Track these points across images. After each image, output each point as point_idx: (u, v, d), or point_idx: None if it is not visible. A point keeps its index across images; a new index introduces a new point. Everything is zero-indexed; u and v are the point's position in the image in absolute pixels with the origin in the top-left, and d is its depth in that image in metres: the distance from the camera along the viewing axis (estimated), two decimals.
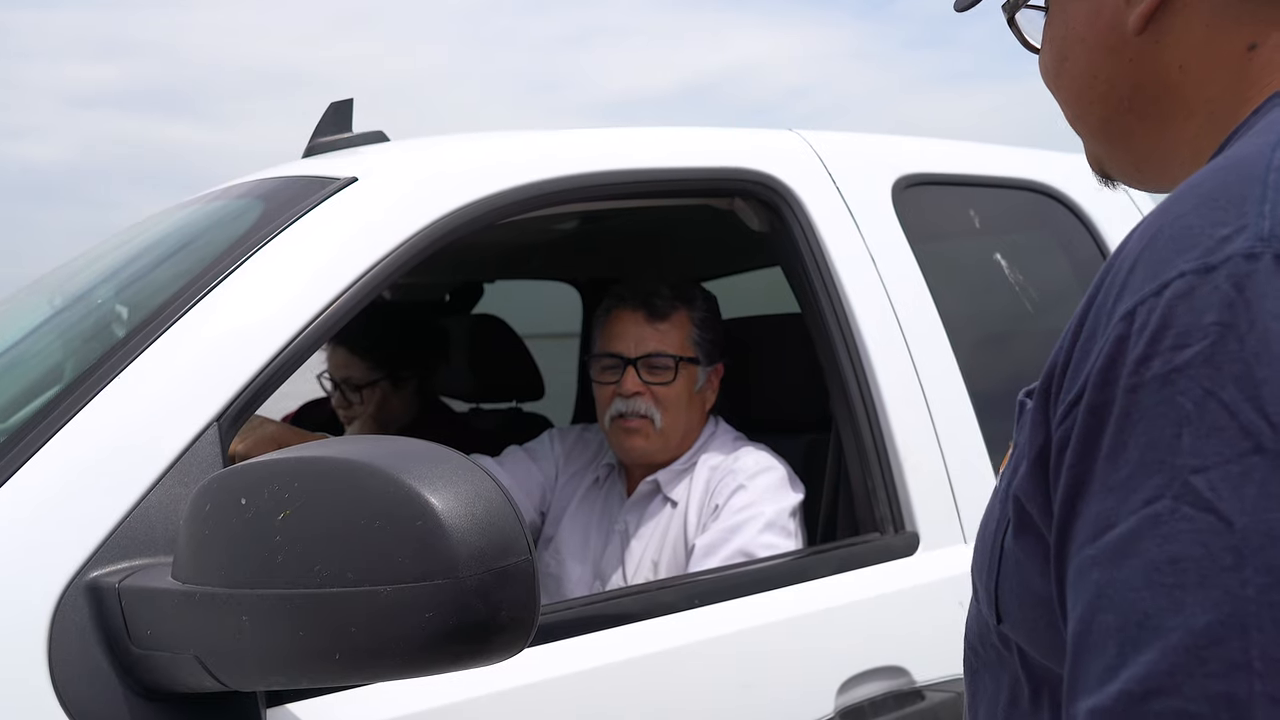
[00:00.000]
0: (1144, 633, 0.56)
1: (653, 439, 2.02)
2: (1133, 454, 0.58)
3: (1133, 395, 0.58)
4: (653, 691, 1.47)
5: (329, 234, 1.45)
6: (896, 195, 1.97)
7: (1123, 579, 0.57)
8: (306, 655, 0.98)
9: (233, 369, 1.29)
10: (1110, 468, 0.59)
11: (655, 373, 2.02)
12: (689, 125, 1.98)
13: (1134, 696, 0.55)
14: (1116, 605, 0.57)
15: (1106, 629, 0.57)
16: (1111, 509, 0.58)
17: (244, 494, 1.02)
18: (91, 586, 1.13)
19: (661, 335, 2.03)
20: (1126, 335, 0.60)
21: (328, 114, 1.95)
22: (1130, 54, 0.77)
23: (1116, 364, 0.60)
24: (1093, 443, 0.60)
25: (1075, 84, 0.81)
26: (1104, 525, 0.59)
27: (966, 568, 1.74)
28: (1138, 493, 0.57)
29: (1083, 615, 0.59)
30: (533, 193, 1.60)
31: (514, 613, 0.95)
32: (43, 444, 1.20)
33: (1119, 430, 0.59)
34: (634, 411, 2.01)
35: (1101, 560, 0.58)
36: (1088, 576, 0.59)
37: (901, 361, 1.83)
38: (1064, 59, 0.82)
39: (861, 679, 1.61)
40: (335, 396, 2.73)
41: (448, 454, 1.00)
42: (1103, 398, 0.60)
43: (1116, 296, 0.62)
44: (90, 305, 1.66)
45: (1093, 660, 0.58)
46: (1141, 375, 0.58)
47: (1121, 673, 0.56)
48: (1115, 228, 2.26)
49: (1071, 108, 0.84)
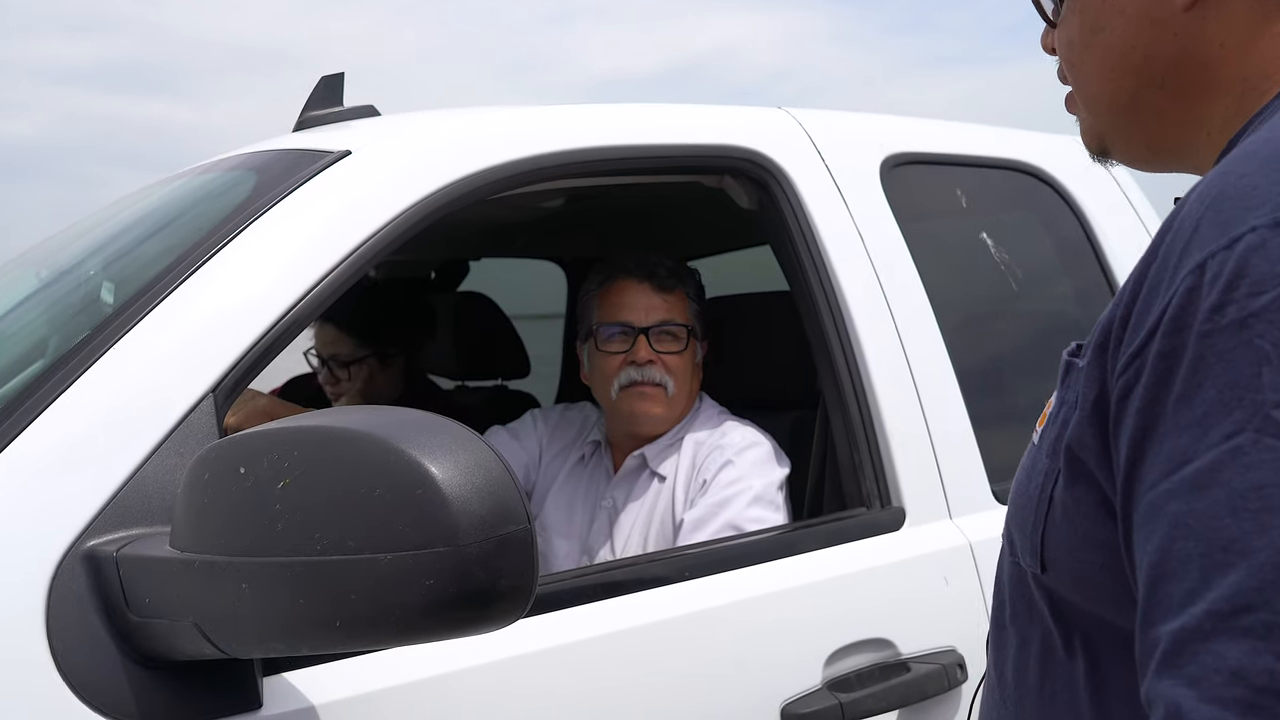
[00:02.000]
0: (1229, 555, 0.58)
1: (665, 405, 2.04)
2: (1209, 393, 0.60)
3: (1207, 340, 0.61)
4: (642, 663, 1.48)
5: (324, 207, 1.45)
6: (884, 174, 1.98)
7: (1203, 508, 0.59)
8: (307, 623, 0.99)
9: (228, 341, 1.30)
10: (1184, 408, 0.61)
11: (666, 341, 2.04)
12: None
13: (1222, 614, 0.57)
14: (1197, 533, 0.59)
15: (1187, 556, 0.60)
16: (1187, 446, 0.61)
17: (243, 463, 1.03)
18: (89, 555, 1.14)
19: (669, 305, 2.07)
20: (1197, 286, 0.62)
21: (319, 88, 1.94)
22: (1175, 28, 0.78)
23: (1188, 312, 0.62)
24: (1163, 387, 0.63)
25: (1108, 56, 0.82)
26: (1179, 461, 0.61)
27: (951, 543, 1.79)
28: (1217, 428, 0.60)
29: (1160, 546, 0.61)
30: (526, 167, 1.60)
31: (513, 580, 0.96)
32: (39, 414, 1.20)
33: (1193, 373, 0.61)
34: (649, 379, 2.03)
35: (1179, 493, 0.61)
36: (1163, 510, 0.61)
37: (888, 338, 1.84)
38: (1098, 30, 0.82)
39: (848, 651, 1.63)
40: (323, 373, 2.73)
41: (447, 423, 1.00)
42: (1174, 344, 0.63)
43: (1182, 252, 0.65)
44: (83, 277, 1.65)
45: (1173, 586, 0.60)
46: (1216, 321, 0.61)
47: (1207, 594, 0.58)
48: (1099, 208, 2.28)
49: (1097, 81, 0.84)
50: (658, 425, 2.07)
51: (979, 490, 1.86)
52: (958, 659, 1.69)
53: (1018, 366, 2.20)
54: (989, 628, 0.87)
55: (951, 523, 1.81)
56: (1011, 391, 2.14)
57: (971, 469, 1.87)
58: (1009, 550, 0.81)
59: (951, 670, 1.67)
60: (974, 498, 1.85)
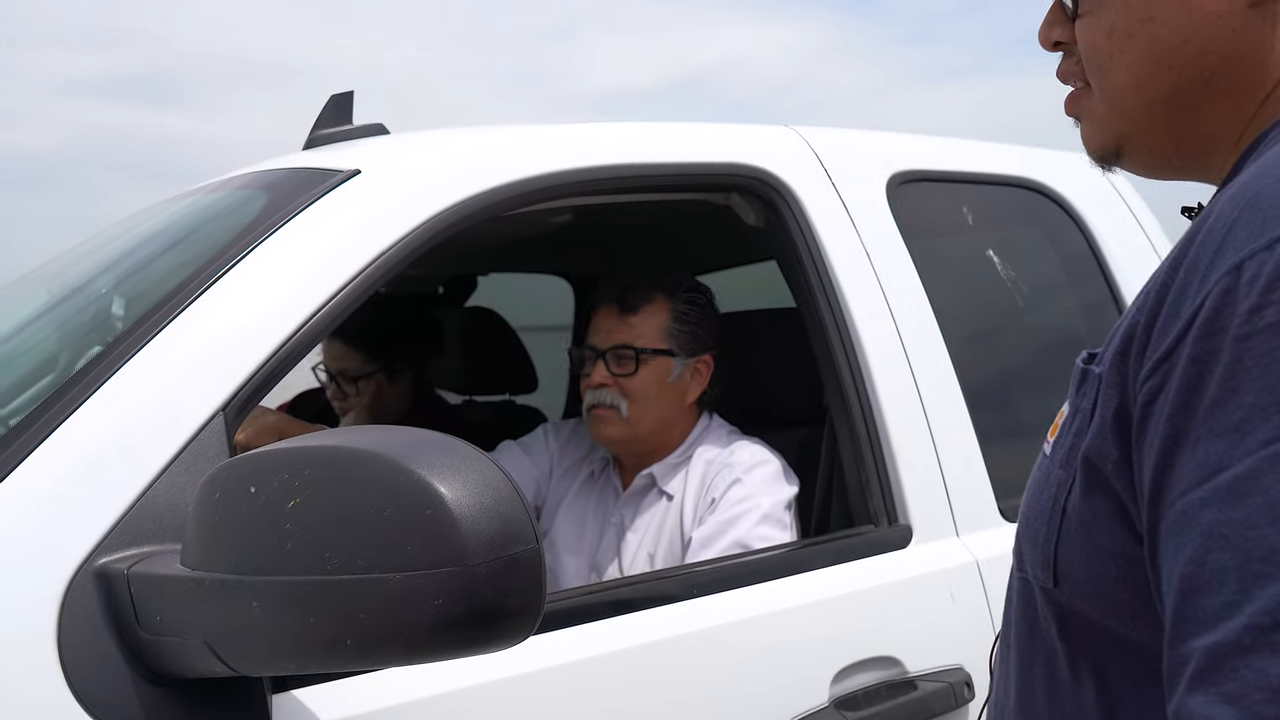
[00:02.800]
0: (1269, 566, 0.55)
1: (619, 427, 2.05)
2: (1246, 399, 0.58)
3: (1245, 343, 0.59)
4: (649, 681, 1.48)
5: (333, 226, 1.46)
6: (891, 191, 1.99)
7: (1241, 518, 0.57)
8: (316, 641, 0.99)
9: (238, 359, 1.30)
10: (1219, 413, 0.59)
11: (620, 364, 2.05)
12: (677, 119, 2.00)
13: (1263, 629, 0.55)
14: (1234, 543, 0.57)
15: (1223, 567, 0.57)
16: (1222, 452, 0.58)
17: (254, 482, 1.03)
18: (100, 573, 1.14)
19: (630, 328, 2.05)
20: (1234, 288, 0.60)
21: (328, 106, 1.96)
22: (1235, 24, 0.76)
23: (1223, 315, 0.60)
24: (1195, 392, 0.60)
25: (1156, 47, 0.79)
26: (1213, 469, 0.59)
27: (959, 561, 1.79)
28: (1254, 435, 0.57)
29: (1193, 556, 0.59)
30: (534, 186, 1.62)
31: (522, 600, 0.97)
32: (51, 432, 1.20)
33: (1228, 377, 0.59)
34: (601, 402, 2.05)
35: (1213, 501, 0.58)
36: (1196, 519, 0.59)
37: (895, 355, 1.85)
38: (1150, 19, 0.78)
39: (856, 669, 1.63)
40: (331, 388, 2.73)
41: (456, 444, 1.01)
42: (1207, 348, 0.60)
43: (1214, 255, 0.62)
44: (93, 295, 1.67)
45: (1207, 598, 0.58)
46: (1255, 324, 0.58)
47: (1246, 607, 0.56)
48: (1105, 224, 2.28)
49: (1135, 72, 0.80)
50: (615, 446, 2.10)
51: (986, 507, 1.86)
52: (965, 677, 1.69)
53: (1024, 383, 2.20)
54: (995, 645, 0.86)
55: (959, 540, 1.82)
56: (1018, 408, 2.15)
57: (978, 486, 1.87)
58: (1018, 566, 0.80)
59: (959, 688, 1.67)
60: (981, 515, 1.85)
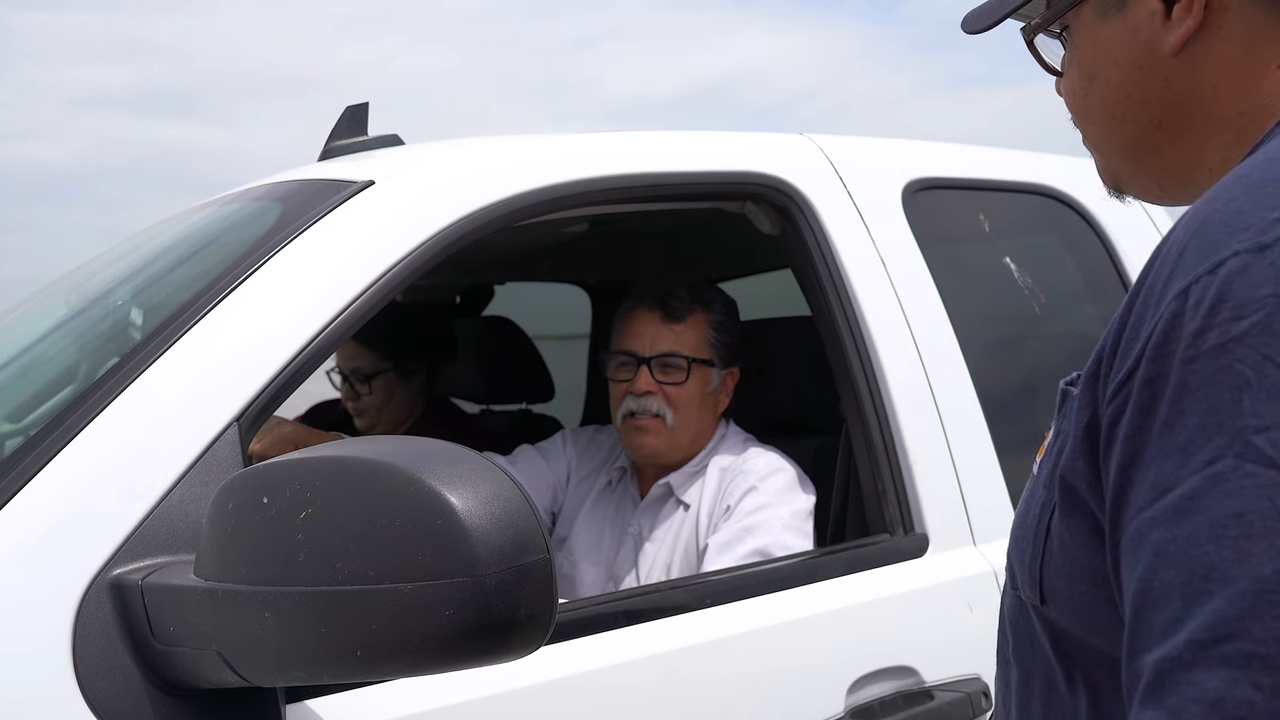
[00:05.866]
0: (1209, 584, 0.57)
1: (663, 438, 2.03)
2: (1191, 420, 0.60)
3: (1190, 366, 0.61)
4: (664, 690, 1.48)
5: (347, 237, 1.46)
6: (907, 199, 1.98)
7: (1185, 536, 0.59)
8: (328, 651, 1.00)
9: (252, 370, 1.31)
10: (1167, 435, 0.61)
11: (668, 372, 2.03)
12: (695, 128, 2.00)
13: (1202, 644, 0.57)
14: (1179, 561, 0.59)
15: (1169, 584, 0.59)
16: (1170, 473, 0.60)
17: (266, 493, 1.04)
18: (114, 584, 1.15)
19: (676, 336, 2.05)
20: (1181, 311, 0.62)
21: (343, 117, 1.96)
22: (1165, 73, 0.80)
23: (1171, 338, 0.62)
24: (1148, 414, 0.62)
25: (1105, 104, 0.84)
26: (1162, 489, 0.61)
27: (975, 570, 1.78)
28: (1198, 455, 0.59)
29: (1143, 574, 0.61)
30: (548, 196, 1.62)
31: (532, 610, 0.97)
32: (66, 444, 1.21)
33: (1176, 399, 0.61)
34: (645, 410, 2.02)
35: (1161, 520, 0.60)
36: (1147, 538, 0.61)
37: (911, 364, 1.84)
38: (1093, 79, 0.84)
39: (871, 679, 1.62)
40: (344, 389, 2.75)
41: (467, 454, 1.01)
42: (1158, 370, 0.62)
43: (1167, 278, 0.64)
44: (110, 307, 1.68)
45: (1156, 614, 0.60)
46: (1199, 346, 0.61)
47: (1188, 623, 0.58)
48: (1123, 231, 2.27)
49: (1098, 127, 0.86)
50: (656, 457, 2.06)
51: (1003, 516, 1.85)
52: (982, 687, 1.68)
53: (1041, 391, 2.18)
54: (996, 660, 0.86)
55: (975, 549, 1.81)
56: (1035, 416, 2.13)
57: (995, 495, 1.86)
58: (1010, 583, 0.81)
59: (976, 698, 1.66)
60: (998, 524, 1.84)
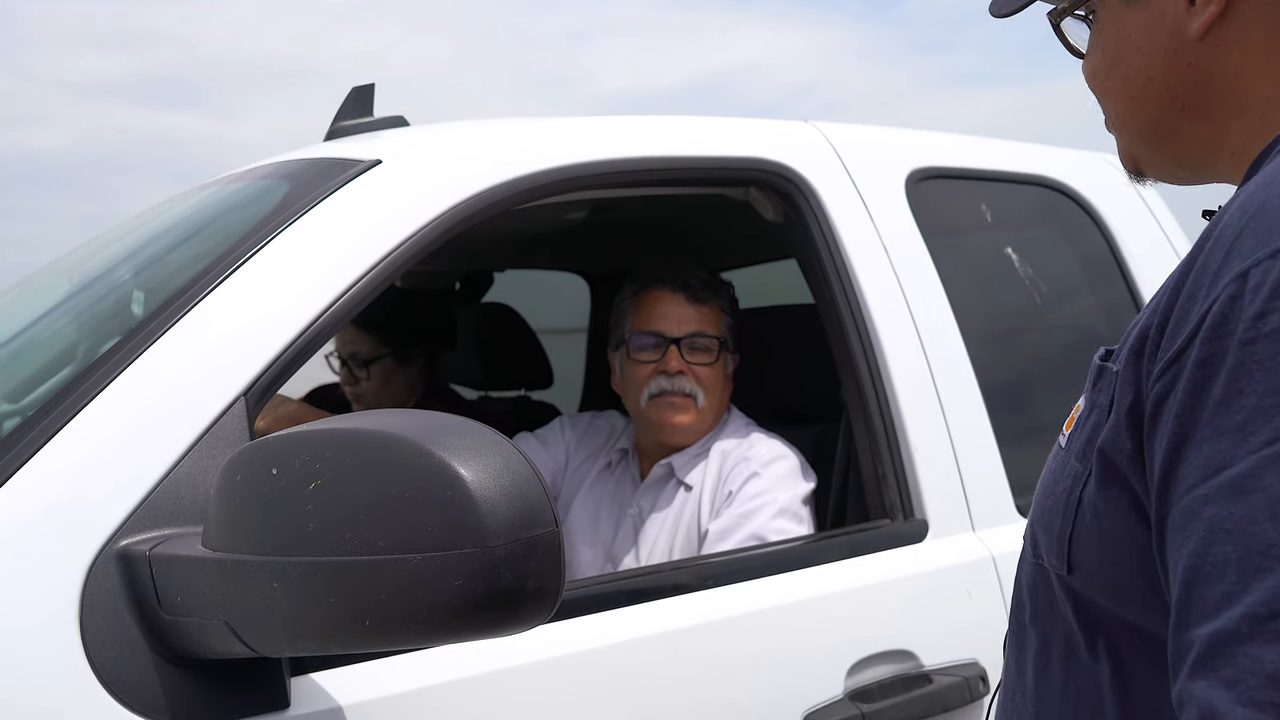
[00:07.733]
0: (1267, 559, 0.58)
1: (694, 415, 2.05)
2: (1249, 400, 0.61)
3: (1249, 348, 0.62)
4: (664, 670, 1.48)
5: (354, 215, 1.47)
6: (910, 188, 1.99)
7: (1241, 513, 0.60)
8: (337, 622, 1.00)
9: (260, 345, 1.31)
10: (1223, 414, 0.62)
11: (698, 353, 2.06)
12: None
13: (1259, 618, 0.58)
14: (1235, 537, 0.60)
15: (1224, 560, 0.60)
16: (1226, 451, 0.61)
17: (275, 464, 1.04)
18: (122, 554, 1.15)
19: (702, 317, 2.08)
20: (1240, 294, 0.63)
21: (349, 98, 1.97)
22: (1189, 58, 0.81)
23: (1229, 320, 0.63)
24: (1201, 393, 0.63)
25: (1128, 86, 0.85)
26: (1217, 466, 0.62)
27: (974, 556, 1.79)
28: (1256, 435, 0.60)
29: (1195, 549, 0.62)
30: (553, 178, 1.62)
31: (541, 582, 0.97)
32: (74, 415, 1.22)
33: (1233, 380, 0.62)
34: (679, 390, 2.04)
35: (1215, 497, 0.61)
36: (1199, 514, 0.62)
37: (913, 351, 1.85)
38: (1116, 63, 0.85)
39: (870, 662, 1.63)
40: (343, 373, 2.76)
41: (477, 427, 1.02)
42: (1213, 350, 0.63)
43: (1223, 260, 0.65)
44: (117, 283, 1.68)
45: (1209, 589, 0.61)
46: (1259, 329, 0.62)
47: (1244, 597, 0.59)
48: (1123, 223, 2.28)
49: (1120, 109, 0.87)
50: (686, 436, 2.08)
51: (1002, 503, 1.86)
52: (980, 671, 1.69)
53: (1042, 380, 2.20)
54: (1008, 629, 0.87)
55: (974, 535, 1.82)
56: (1035, 405, 2.15)
57: (995, 482, 1.87)
58: (1031, 551, 0.82)
59: (974, 682, 1.67)
60: (997, 510, 1.85)
